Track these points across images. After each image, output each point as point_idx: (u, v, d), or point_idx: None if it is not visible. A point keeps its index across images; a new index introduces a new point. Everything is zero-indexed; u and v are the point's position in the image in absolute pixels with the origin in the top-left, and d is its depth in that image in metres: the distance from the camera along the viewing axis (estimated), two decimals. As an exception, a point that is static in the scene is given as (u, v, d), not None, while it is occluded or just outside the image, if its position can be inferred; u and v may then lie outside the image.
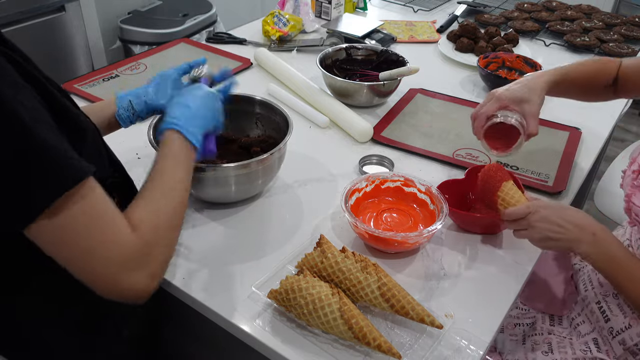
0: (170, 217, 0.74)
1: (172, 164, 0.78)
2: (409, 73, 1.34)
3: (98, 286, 0.67)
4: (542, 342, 1.03)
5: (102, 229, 0.65)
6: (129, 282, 0.67)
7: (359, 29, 1.76)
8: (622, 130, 3.08)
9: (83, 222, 0.64)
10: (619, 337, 0.94)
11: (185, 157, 0.80)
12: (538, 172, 1.18)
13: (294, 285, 0.80)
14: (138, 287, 0.68)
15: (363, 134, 1.26)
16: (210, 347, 1.01)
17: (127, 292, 0.68)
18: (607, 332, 0.96)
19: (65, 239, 0.64)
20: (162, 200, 0.75)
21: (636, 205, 0.88)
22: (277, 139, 1.13)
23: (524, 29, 1.90)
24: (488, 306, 0.88)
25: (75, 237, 0.64)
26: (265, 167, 1.01)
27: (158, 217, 0.73)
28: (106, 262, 0.66)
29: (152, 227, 0.71)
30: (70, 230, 0.64)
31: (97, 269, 0.66)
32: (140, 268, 0.68)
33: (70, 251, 0.65)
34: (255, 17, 1.98)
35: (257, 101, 1.16)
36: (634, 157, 0.94)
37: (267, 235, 1.00)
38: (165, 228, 0.73)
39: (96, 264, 0.65)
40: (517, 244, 1.00)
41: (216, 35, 1.79)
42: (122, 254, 0.66)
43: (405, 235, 0.92)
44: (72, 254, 0.65)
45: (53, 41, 2.20)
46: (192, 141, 0.81)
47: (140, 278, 0.68)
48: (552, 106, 1.47)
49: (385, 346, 0.76)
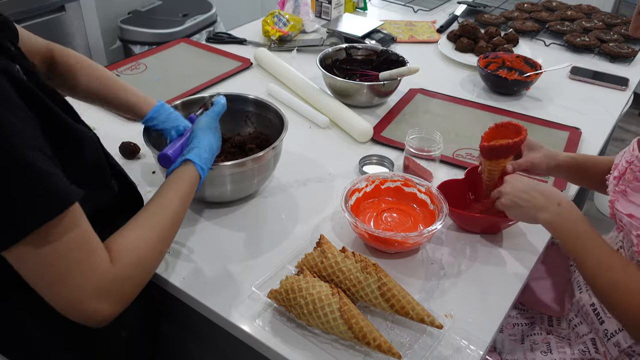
0: (157, 244, 0.75)
1: (173, 192, 0.81)
2: (409, 73, 1.34)
3: (61, 307, 0.66)
4: (541, 342, 1.03)
5: (80, 259, 0.65)
6: (94, 308, 0.66)
7: (359, 29, 1.76)
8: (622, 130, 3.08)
9: (63, 250, 0.64)
10: (614, 339, 0.94)
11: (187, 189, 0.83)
12: None
13: (294, 285, 0.80)
14: (102, 314, 0.67)
15: (363, 134, 1.26)
16: (210, 346, 1.01)
17: (89, 317, 0.67)
18: (602, 334, 0.96)
19: (41, 264, 0.63)
20: (154, 227, 0.75)
21: (619, 211, 0.88)
22: (270, 136, 1.13)
23: (524, 29, 1.90)
24: (488, 306, 0.88)
25: (50, 263, 0.63)
26: (261, 166, 1.01)
27: (147, 245, 0.73)
28: (75, 289, 0.65)
29: (134, 261, 0.71)
30: (49, 256, 0.63)
31: (66, 294, 0.65)
32: (110, 297, 0.68)
33: (41, 275, 0.64)
34: (255, 17, 1.98)
35: (250, 100, 1.16)
36: (616, 164, 0.94)
37: (267, 236, 1.00)
38: (150, 256, 0.74)
39: (66, 290, 0.65)
40: (517, 244, 1.00)
41: (216, 35, 1.79)
42: (95, 284, 0.66)
43: (405, 235, 0.92)
44: (42, 279, 0.64)
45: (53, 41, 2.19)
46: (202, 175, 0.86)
47: (107, 306, 0.67)
48: (552, 107, 1.47)
49: (385, 346, 0.76)
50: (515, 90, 1.51)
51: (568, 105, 1.48)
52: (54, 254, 0.63)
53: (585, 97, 1.53)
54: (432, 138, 1.12)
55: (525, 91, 1.52)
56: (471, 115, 1.41)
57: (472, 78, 1.61)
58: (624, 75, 1.61)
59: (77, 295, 0.65)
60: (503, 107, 1.44)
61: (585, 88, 1.58)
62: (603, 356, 0.95)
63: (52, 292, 0.65)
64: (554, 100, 1.50)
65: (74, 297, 0.65)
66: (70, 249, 0.64)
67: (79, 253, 0.65)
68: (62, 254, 0.64)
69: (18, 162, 0.59)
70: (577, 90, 1.56)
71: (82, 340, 0.83)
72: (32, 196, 0.60)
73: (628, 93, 1.56)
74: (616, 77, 1.61)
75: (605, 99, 1.52)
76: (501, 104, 1.46)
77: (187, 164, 0.85)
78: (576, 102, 1.50)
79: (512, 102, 1.48)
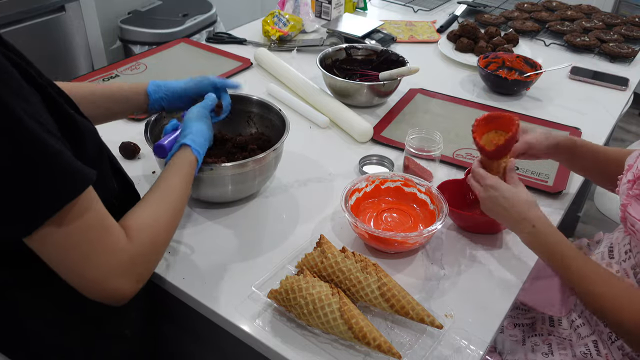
0: (169, 223, 0.78)
1: (176, 175, 0.84)
2: (409, 73, 1.34)
3: (84, 288, 0.68)
4: (542, 343, 1.03)
5: (100, 237, 0.67)
6: (116, 286, 0.69)
7: (359, 29, 1.76)
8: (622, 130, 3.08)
9: (83, 230, 0.65)
10: (618, 343, 0.93)
11: (188, 170, 0.87)
12: (538, 172, 1.19)
13: (294, 285, 0.80)
14: (123, 292, 0.70)
15: (363, 134, 1.26)
16: (210, 346, 1.01)
17: (112, 295, 0.70)
18: (606, 336, 0.96)
19: (63, 246, 0.65)
20: (163, 206, 0.79)
21: (632, 215, 0.87)
22: (271, 136, 1.13)
23: (524, 29, 1.90)
24: (488, 306, 0.88)
25: (73, 244, 0.65)
26: (262, 167, 1.01)
27: (158, 224, 0.76)
28: (99, 268, 0.67)
29: (151, 236, 0.74)
30: (71, 237, 0.65)
31: (89, 273, 0.67)
32: (130, 274, 0.70)
33: (66, 256, 0.66)
34: (255, 17, 1.98)
35: (254, 101, 1.16)
36: (630, 165, 0.93)
37: (267, 236, 1.00)
38: (164, 235, 0.77)
39: (89, 269, 0.67)
40: (517, 244, 1.00)
41: (216, 35, 1.79)
42: (116, 261, 0.68)
43: (405, 235, 0.92)
44: (67, 259, 0.66)
45: (53, 41, 2.20)
46: (198, 158, 0.89)
47: (127, 283, 0.70)
48: (552, 107, 1.47)
49: (385, 346, 0.76)
50: (515, 90, 1.51)
51: (568, 105, 1.48)
52: (77, 234, 0.65)
53: (585, 97, 1.53)
54: (432, 138, 1.12)
55: (525, 91, 1.52)
56: (471, 115, 1.41)
57: (472, 78, 1.61)
58: (624, 75, 1.62)
59: (101, 273, 0.67)
60: (503, 107, 1.44)
61: (585, 88, 1.58)
62: (605, 358, 0.95)
63: (76, 273, 0.67)
64: (554, 100, 1.51)
65: (98, 275, 0.67)
66: (90, 228, 0.66)
67: (98, 232, 0.67)
68: (84, 233, 0.65)
69: (37, 144, 0.60)
70: (577, 90, 1.56)
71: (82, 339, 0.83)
72: (52, 177, 0.61)
73: (628, 93, 1.56)
74: (616, 77, 1.61)
75: (605, 99, 1.52)
76: (501, 104, 1.46)
77: (184, 148, 0.88)
78: (576, 102, 1.50)
79: (512, 102, 1.48)
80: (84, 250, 0.66)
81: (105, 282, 0.68)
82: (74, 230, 0.64)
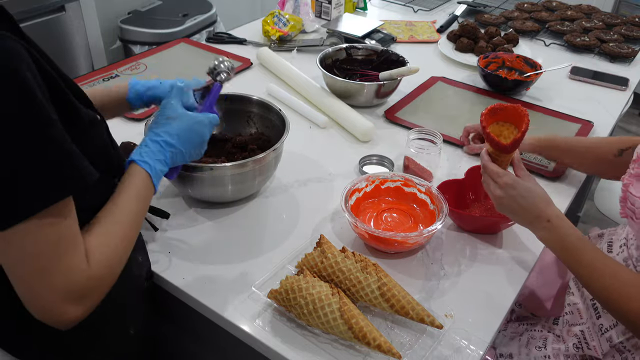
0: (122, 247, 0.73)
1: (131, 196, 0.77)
2: (409, 73, 1.34)
3: (32, 306, 0.65)
4: (538, 338, 1.04)
5: (65, 253, 0.63)
6: (65, 311, 0.65)
7: (359, 29, 1.76)
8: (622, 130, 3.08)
9: (53, 241, 0.62)
10: (607, 335, 0.94)
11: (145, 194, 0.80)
12: (540, 158, 1.21)
13: (294, 285, 0.80)
14: (70, 317, 0.66)
15: (365, 133, 1.26)
16: (210, 346, 1.01)
17: (57, 320, 0.65)
18: (597, 328, 0.96)
19: (29, 252, 0.61)
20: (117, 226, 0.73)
21: (632, 194, 0.88)
22: (271, 136, 1.13)
23: (524, 29, 1.90)
24: (488, 306, 0.88)
25: (37, 252, 0.62)
26: (262, 167, 1.01)
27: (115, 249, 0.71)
28: (53, 288, 0.63)
29: (106, 260, 0.69)
30: (38, 244, 0.61)
31: (42, 292, 0.63)
32: (82, 301, 0.66)
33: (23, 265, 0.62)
34: (255, 17, 1.98)
35: (254, 101, 1.16)
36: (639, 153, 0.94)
37: (266, 235, 1.01)
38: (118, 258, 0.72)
39: (43, 287, 0.63)
40: (517, 244, 1.00)
41: (216, 35, 1.79)
42: (71, 285, 0.64)
43: (405, 235, 0.92)
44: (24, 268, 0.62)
45: (53, 41, 2.20)
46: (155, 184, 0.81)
47: (77, 310, 0.66)
48: (552, 107, 1.47)
49: (385, 346, 0.76)
50: (516, 90, 1.51)
51: (568, 105, 1.48)
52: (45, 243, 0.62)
53: (585, 97, 1.53)
54: (432, 138, 1.13)
55: (525, 91, 1.52)
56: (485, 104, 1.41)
57: (472, 78, 1.61)
58: (624, 75, 1.62)
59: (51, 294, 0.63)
60: (503, 107, 1.45)
61: (585, 88, 1.58)
62: (594, 350, 0.96)
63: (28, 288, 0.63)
64: (554, 100, 1.50)
65: (48, 296, 0.63)
66: (60, 240, 0.63)
67: (67, 245, 0.64)
68: (53, 244, 0.62)
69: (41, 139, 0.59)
70: (577, 90, 1.57)
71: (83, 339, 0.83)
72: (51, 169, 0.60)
73: (628, 93, 1.56)
74: (616, 77, 1.61)
75: (605, 99, 1.52)
76: (501, 104, 1.46)
77: (131, 164, 0.81)
78: (576, 102, 1.50)
79: (512, 102, 1.48)
80: (44, 263, 0.62)
81: (56, 304, 0.64)
82: (45, 237, 0.61)
